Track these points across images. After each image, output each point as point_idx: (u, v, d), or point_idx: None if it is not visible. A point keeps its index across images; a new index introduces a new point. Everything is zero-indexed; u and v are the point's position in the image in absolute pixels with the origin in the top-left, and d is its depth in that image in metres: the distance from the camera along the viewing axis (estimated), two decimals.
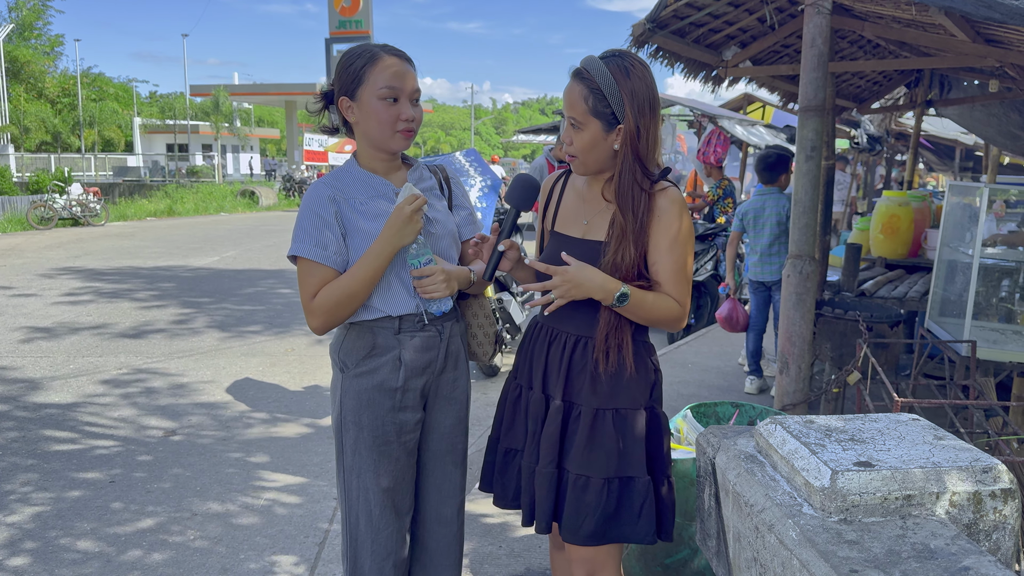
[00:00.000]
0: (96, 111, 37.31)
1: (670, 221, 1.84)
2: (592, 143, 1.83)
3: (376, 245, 1.87)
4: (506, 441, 2.03)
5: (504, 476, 2.03)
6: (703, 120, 10.81)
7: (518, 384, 2.04)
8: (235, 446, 4.31)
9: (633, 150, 1.81)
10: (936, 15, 3.40)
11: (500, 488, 2.04)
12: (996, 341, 3.83)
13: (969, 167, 15.73)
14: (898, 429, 1.63)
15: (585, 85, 1.80)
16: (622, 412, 1.88)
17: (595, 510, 1.85)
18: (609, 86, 1.78)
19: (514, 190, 1.96)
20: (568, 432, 1.91)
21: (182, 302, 8.50)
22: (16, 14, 24.93)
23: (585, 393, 1.89)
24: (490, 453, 2.09)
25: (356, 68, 1.88)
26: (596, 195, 1.96)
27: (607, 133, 1.81)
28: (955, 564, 1.23)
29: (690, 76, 5.13)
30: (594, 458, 1.86)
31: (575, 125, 1.83)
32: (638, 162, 1.82)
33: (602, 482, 1.85)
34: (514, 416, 2.02)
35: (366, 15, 21.48)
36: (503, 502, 2.04)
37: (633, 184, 1.81)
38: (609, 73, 1.78)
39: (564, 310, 1.92)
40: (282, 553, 3.15)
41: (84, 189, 17.75)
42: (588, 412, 1.88)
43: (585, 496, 1.86)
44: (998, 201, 5.87)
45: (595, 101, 1.79)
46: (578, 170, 1.91)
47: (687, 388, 5.37)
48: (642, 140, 1.81)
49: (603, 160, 1.86)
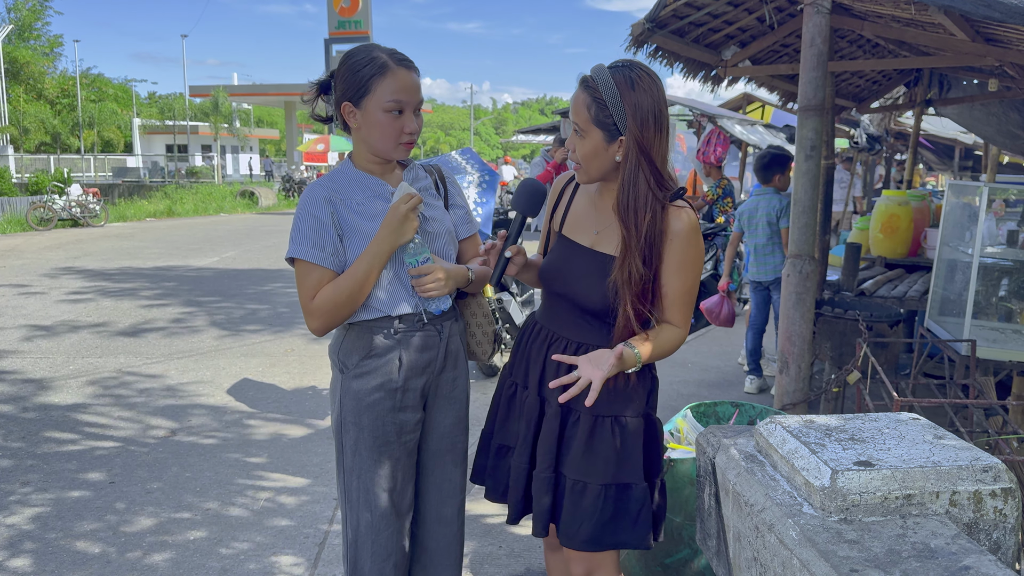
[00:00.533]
0: (95, 112, 37.32)
1: (682, 244, 1.81)
2: (593, 152, 1.81)
3: (373, 245, 1.87)
4: (499, 437, 2.05)
5: (496, 471, 2.05)
6: (702, 120, 10.81)
7: (513, 382, 2.05)
8: (235, 447, 4.31)
9: (636, 164, 1.77)
10: (935, 14, 3.40)
11: (492, 481, 2.06)
12: (996, 340, 3.83)
13: (968, 166, 15.73)
14: (898, 428, 1.62)
15: (589, 94, 1.78)
16: (622, 420, 1.88)
17: (592, 515, 1.85)
18: (612, 97, 1.75)
19: (520, 196, 1.96)
20: (565, 436, 1.91)
21: (182, 302, 8.50)
22: (15, 15, 24.90)
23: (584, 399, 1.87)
24: (483, 446, 2.10)
25: (364, 77, 1.86)
26: (608, 205, 1.92)
27: (608, 144, 1.79)
28: (955, 563, 1.23)
29: (689, 76, 5.14)
30: (592, 464, 1.86)
31: (578, 132, 1.82)
32: (643, 176, 1.78)
33: (599, 488, 1.85)
34: (508, 413, 2.04)
35: (365, 15, 21.48)
36: (494, 495, 2.06)
37: (636, 199, 1.78)
38: (614, 84, 1.75)
39: (564, 316, 1.94)
40: (282, 553, 3.15)
41: (83, 190, 17.74)
42: (587, 418, 1.88)
43: (582, 501, 1.86)
44: (997, 200, 5.87)
45: (597, 110, 1.77)
46: (581, 177, 1.90)
47: (687, 388, 5.37)
48: (645, 154, 1.77)
49: (605, 170, 1.84)
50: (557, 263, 1.96)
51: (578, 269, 1.91)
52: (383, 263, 1.88)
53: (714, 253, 7.56)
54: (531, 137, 19.61)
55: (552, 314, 1.99)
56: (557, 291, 1.95)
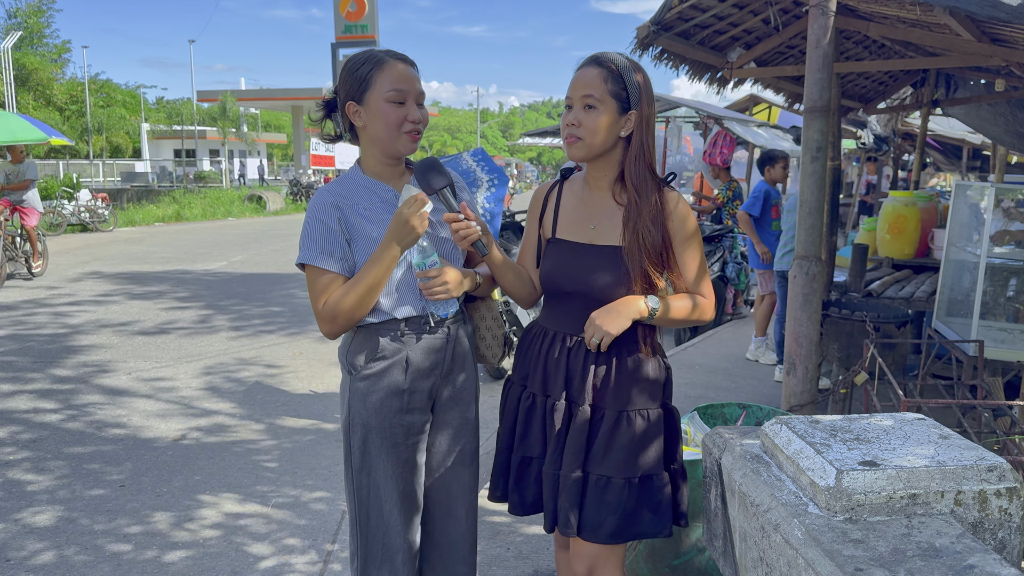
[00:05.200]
0: (104, 117, 37.47)
1: (682, 218, 1.95)
2: (606, 124, 1.89)
3: (380, 249, 1.89)
4: (521, 450, 2.03)
5: (520, 485, 2.03)
6: (709, 122, 10.80)
7: (531, 393, 2.03)
8: (244, 449, 4.34)
9: (641, 137, 1.92)
10: (941, 15, 3.40)
11: (517, 496, 2.04)
12: (1004, 340, 3.82)
13: (977, 166, 15.65)
14: (903, 428, 1.63)
15: (603, 67, 1.89)
16: (642, 412, 1.94)
17: (616, 510, 1.89)
18: (626, 72, 1.89)
19: (422, 176, 1.96)
20: (591, 435, 1.94)
21: (191, 307, 8.54)
22: (19, 20, 24.99)
23: (609, 396, 1.93)
24: (501, 465, 2.09)
25: (363, 73, 1.91)
26: (600, 199, 1.99)
27: (619, 116, 1.90)
28: (960, 562, 1.24)
29: (695, 78, 5.15)
30: (615, 459, 1.90)
31: (591, 106, 1.89)
32: (646, 148, 1.93)
33: (623, 482, 1.89)
34: (528, 424, 2.02)
35: (372, 20, 21.51)
36: (520, 510, 2.05)
37: (645, 169, 1.92)
38: (624, 61, 1.91)
39: (578, 315, 1.96)
40: (292, 554, 3.17)
41: (92, 195, 17.84)
42: (611, 415, 1.92)
43: (606, 496, 1.89)
44: (1006, 200, 5.86)
45: (613, 82, 1.88)
46: (579, 152, 1.94)
47: (694, 390, 5.38)
48: (649, 128, 1.93)
49: (607, 144, 1.92)
50: (561, 264, 1.98)
51: (586, 265, 1.95)
52: (390, 266, 1.89)
53: (721, 255, 7.55)
54: (538, 140, 19.58)
55: (563, 316, 2.00)
56: (568, 291, 1.97)
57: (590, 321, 1.89)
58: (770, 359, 6.12)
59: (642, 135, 1.92)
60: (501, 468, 2.09)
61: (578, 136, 1.91)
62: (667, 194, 1.95)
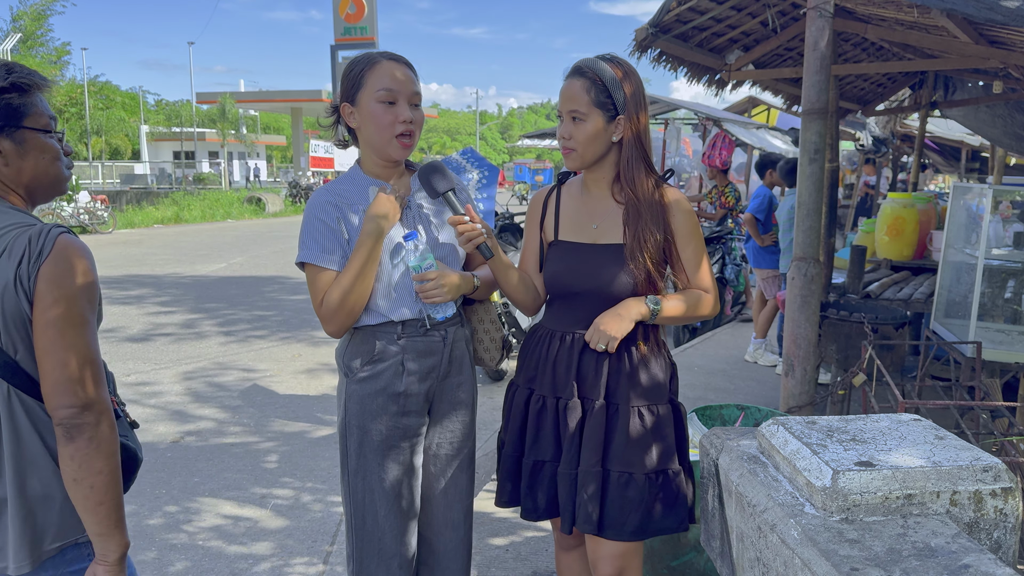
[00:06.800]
0: (103, 119, 37.45)
1: (683, 214, 1.97)
2: (595, 134, 1.91)
3: (361, 235, 1.90)
4: (533, 454, 2.02)
5: (534, 490, 2.02)
6: (707, 123, 10.81)
7: (540, 395, 2.02)
8: (243, 451, 4.34)
9: (634, 138, 1.93)
10: (938, 17, 3.41)
11: (531, 502, 2.03)
12: (1002, 342, 3.82)
13: (975, 168, 15.66)
14: (899, 429, 1.63)
15: (586, 78, 1.90)
16: (652, 408, 1.97)
17: (639, 505, 1.91)
18: (610, 79, 1.89)
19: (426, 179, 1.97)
20: (608, 431, 1.95)
21: (190, 308, 8.54)
22: (21, 23, 25.00)
23: (621, 392, 1.95)
24: (511, 469, 2.06)
25: (356, 73, 1.92)
26: (600, 199, 2.01)
27: (608, 124, 1.91)
28: (955, 562, 1.24)
29: (693, 80, 5.15)
30: (635, 454, 1.92)
31: (578, 118, 1.91)
32: (639, 149, 1.94)
33: (644, 477, 1.92)
34: (538, 427, 2.01)
35: (371, 22, 21.51)
36: (534, 515, 2.04)
37: (640, 169, 1.94)
38: (608, 68, 1.91)
39: (586, 314, 1.96)
40: (291, 555, 3.17)
41: (92, 197, 17.87)
42: (625, 410, 1.94)
43: (628, 492, 1.91)
44: (1004, 202, 5.87)
45: (597, 92, 1.89)
46: (575, 163, 1.97)
47: (693, 391, 5.38)
48: (641, 130, 1.94)
49: (600, 151, 1.94)
50: (568, 265, 1.99)
51: (593, 264, 1.96)
52: (369, 253, 1.88)
53: (720, 256, 7.56)
54: (537, 142, 19.60)
55: (571, 316, 2.00)
56: (575, 291, 1.98)
57: (594, 327, 1.89)
58: (769, 360, 6.12)
59: (634, 137, 1.93)
60: (509, 473, 2.06)
61: (571, 148, 1.94)
62: (666, 191, 1.96)
